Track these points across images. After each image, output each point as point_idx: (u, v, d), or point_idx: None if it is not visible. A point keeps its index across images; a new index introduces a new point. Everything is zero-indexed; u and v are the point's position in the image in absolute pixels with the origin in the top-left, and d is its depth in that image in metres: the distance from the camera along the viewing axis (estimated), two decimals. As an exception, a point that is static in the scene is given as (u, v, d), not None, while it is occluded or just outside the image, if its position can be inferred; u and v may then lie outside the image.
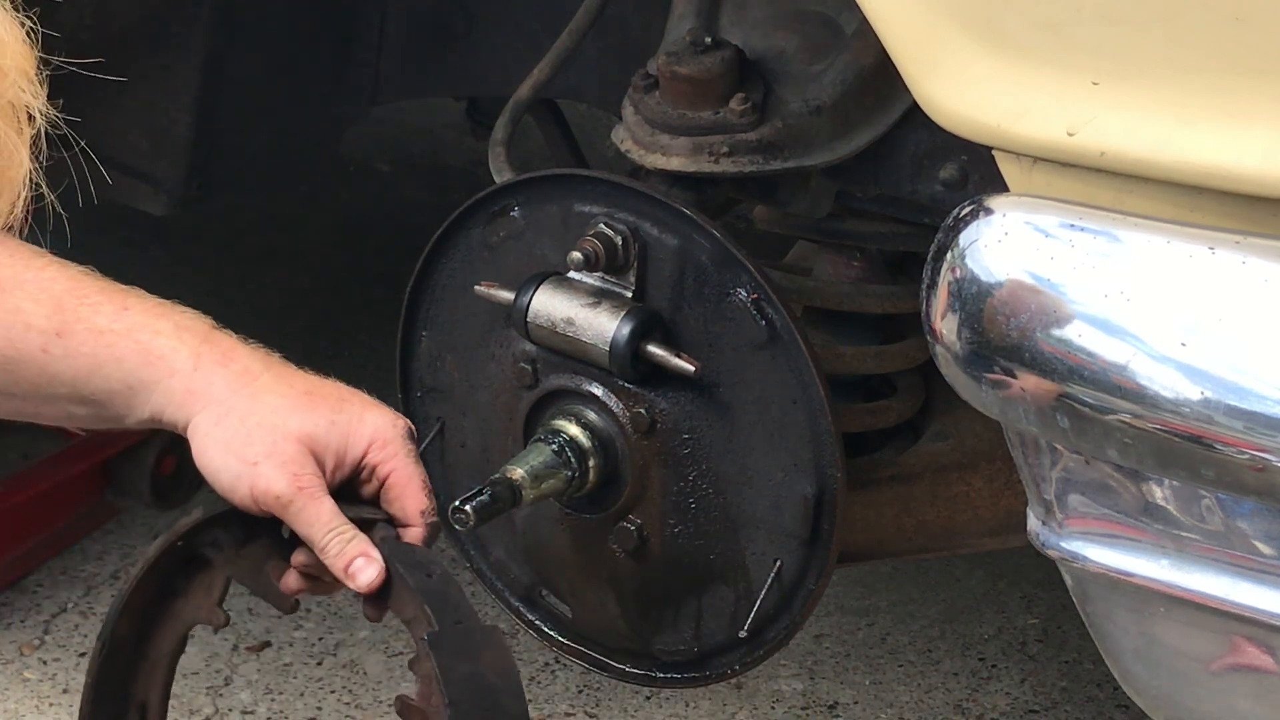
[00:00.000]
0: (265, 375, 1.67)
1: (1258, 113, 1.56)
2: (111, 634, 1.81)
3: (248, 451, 1.64)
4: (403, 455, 1.69)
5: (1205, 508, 1.67)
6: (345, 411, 1.67)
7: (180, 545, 1.77)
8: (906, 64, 1.71)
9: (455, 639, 1.65)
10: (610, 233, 2.03)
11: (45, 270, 1.66)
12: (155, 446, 3.23)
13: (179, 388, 1.65)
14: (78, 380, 1.65)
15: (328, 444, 1.66)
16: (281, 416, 1.65)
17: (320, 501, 1.65)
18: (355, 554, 1.65)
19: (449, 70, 2.95)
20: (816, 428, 2.01)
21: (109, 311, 1.65)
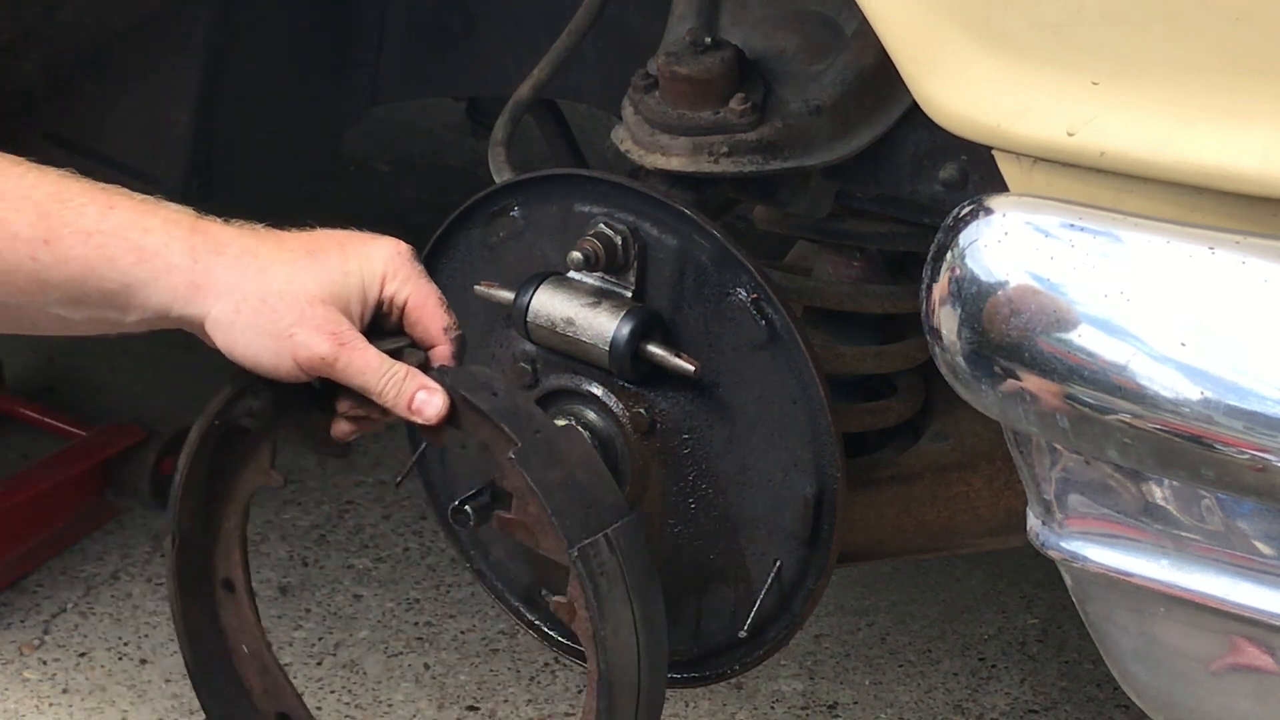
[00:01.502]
0: (263, 249, 1.69)
1: (1258, 113, 1.56)
2: (178, 525, 1.88)
3: (278, 326, 1.67)
4: (415, 277, 1.73)
5: (1205, 508, 1.67)
6: (351, 257, 1.71)
7: (217, 425, 1.84)
8: (906, 64, 1.71)
9: (539, 450, 1.74)
10: (610, 233, 2.03)
11: (25, 177, 1.67)
12: (155, 446, 3.24)
13: (181, 282, 1.67)
14: (71, 284, 1.66)
15: (348, 294, 1.70)
16: (297, 284, 1.68)
17: (364, 351, 1.69)
18: (414, 389, 1.71)
19: (449, 70, 2.95)
20: (816, 428, 2.01)
21: (94, 213, 1.66)
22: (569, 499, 1.73)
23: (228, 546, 1.93)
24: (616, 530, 1.75)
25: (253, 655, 1.97)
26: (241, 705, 1.98)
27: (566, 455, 1.76)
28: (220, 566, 1.94)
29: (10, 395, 3.46)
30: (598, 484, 1.76)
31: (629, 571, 1.75)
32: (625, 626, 1.75)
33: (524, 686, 2.90)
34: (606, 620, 1.74)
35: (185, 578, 1.92)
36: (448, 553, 3.15)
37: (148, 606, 3.07)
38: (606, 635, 1.74)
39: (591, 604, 1.73)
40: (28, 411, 3.42)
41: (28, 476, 3.19)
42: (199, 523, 1.90)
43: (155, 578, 3.14)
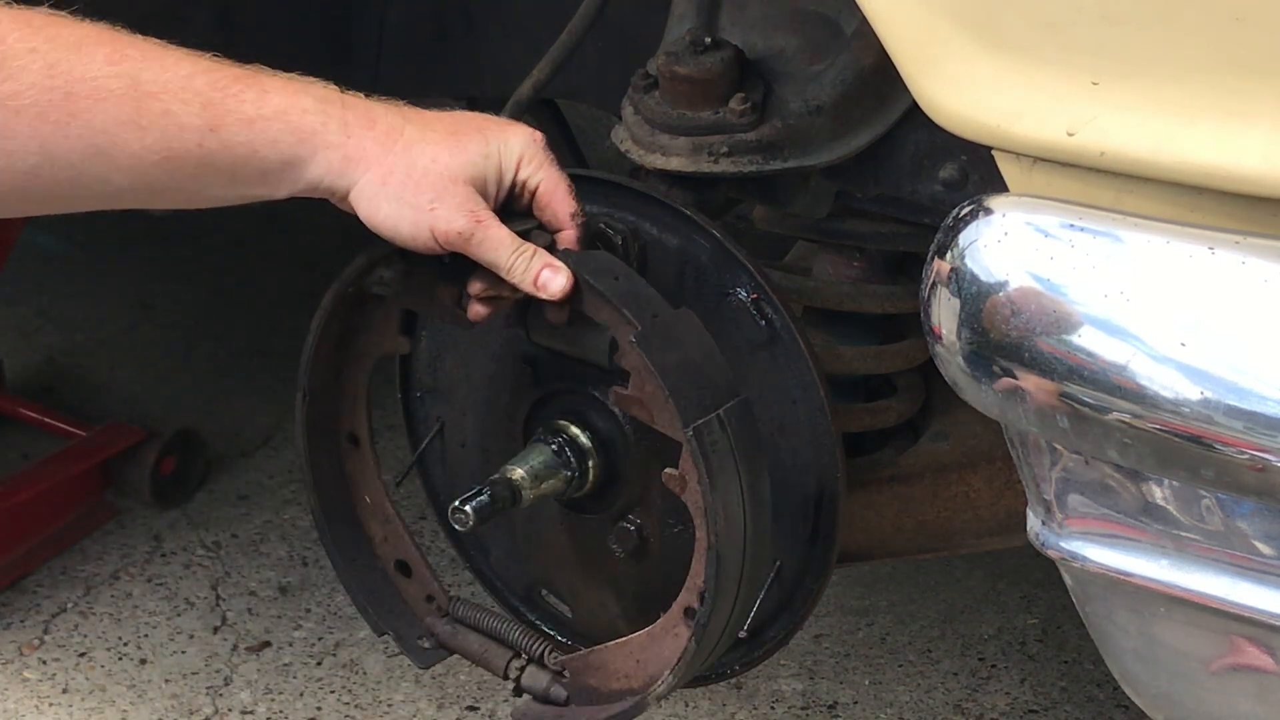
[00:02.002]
0: (408, 129, 1.81)
1: (1258, 113, 1.56)
2: (309, 383, 2.04)
3: (420, 199, 1.79)
4: (548, 166, 1.86)
5: (1205, 508, 1.67)
6: (491, 141, 1.83)
7: (350, 291, 1.97)
8: (906, 64, 1.71)
9: (657, 333, 1.83)
10: (610, 233, 2.03)
11: (181, 66, 1.78)
12: (155, 446, 3.24)
13: (336, 157, 1.79)
14: (235, 167, 1.78)
15: (486, 176, 1.82)
16: (441, 163, 1.80)
17: (498, 228, 1.82)
18: (540, 267, 1.83)
19: (449, 70, 2.95)
20: (816, 428, 2.01)
21: (253, 98, 1.78)
22: (684, 380, 1.82)
23: (354, 403, 2.07)
24: (728, 410, 1.83)
25: (375, 505, 2.11)
26: (363, 551, 2.12)
27: (683, 338, 1.84)
28: (346, 421, 2.08)
29: (10, 395, 3.47)
30: (711, 366, 1.85)
31: (738, 449, 1.83)
32: (734, 501, 1.83)
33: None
34: (718, 494, 1.81)
35: (313, 431, 2.06)
36: (448, 553, 3.15)
37: (148, 606, 3.07)
38: (718, 509, 1.81)
39: (704, 479, 1.81)
40: (28, 411, 3.42)
41: (28, 476, 3.19)
42: (328, 380, 2.05)
43: (155, 578, 3.14)
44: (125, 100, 1.74)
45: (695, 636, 1.87)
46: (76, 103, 1.73)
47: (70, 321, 3.80)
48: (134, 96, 1.74)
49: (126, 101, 1.74)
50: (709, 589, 1.84)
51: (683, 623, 1.89)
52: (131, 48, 1.78)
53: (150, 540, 3.23)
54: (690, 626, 1.88)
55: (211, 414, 3.48)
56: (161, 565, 3.17)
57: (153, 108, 1.75)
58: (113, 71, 1.75)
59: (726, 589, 1.86)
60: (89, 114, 1.73)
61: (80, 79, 1.73)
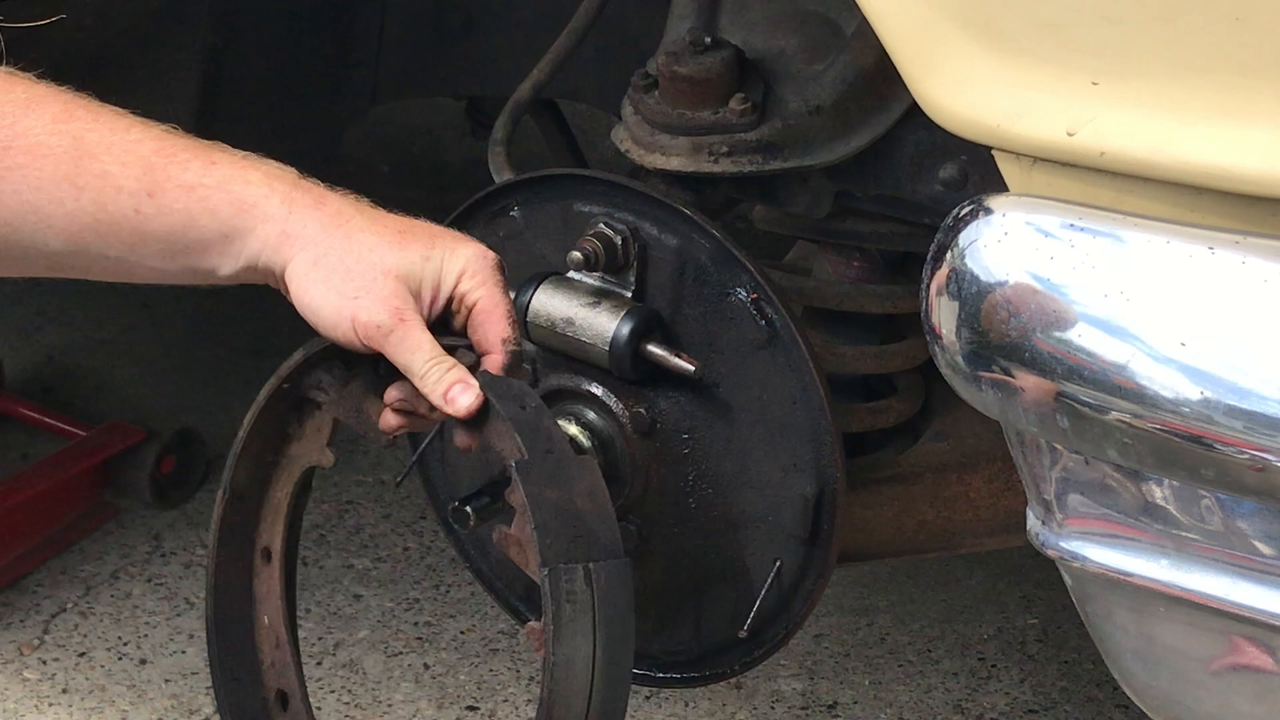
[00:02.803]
0: (358, 217, 1.73)
1: (1258, 113, 1.56)
2: (231, 481, 1.91)
3: (347, 287, 1.70)
4: (491, 284, 1.75)
5: (1205, 508, 1.67)
6: (438, 247, 1.74)
7: (286, 388, 1.86)
8: (906, 64, 1.71)
9: (545, 467, 1.71)
10: (610, 233, 2.03)
11: (130, 132, 1.72)
12: (155, 446, 3.24)
13: (274, 232, 1.70)
14: (172, 236, 1.70)
15: (422, 278, 1.73)
16: (378, 254, 1.71)
17: (420, 331, 1.72)
18: (454, 380, 1.72)
19: (449, 70, 2.95)
20: (816, 428, 2.01)
21: (198, 167, 1.71)
22: (559, 520, 1.70)
23: (274, 515, 1.95)
24: (600, 567, 1.70)
25: (270, 628, 1.99)
26: (248, 674, 2.00)
27: (573, 482, 1.73)
28: (263, 534, 1.96)
29: (10, 395, 3.46)
30: (597, 518, 1.72)
31: (601, 611, 1.70)
32: (581, 662, 1.69)
33: (524, 686, 2.90)
34: (561, 648, 1.68)
35: (226, 536, 1.94)
36: (448, 553, 3.15)
37: (148, 606, 3.07)
38: (558, 664, 1.68)
39: (549, 627, 1.67)
40: (28, 411, 3.42)
41: (28, 476, 3.19)
42: (253, 484, 1.93)
43: (155, 578, 3.14)
44: (65, 159, 1.68)
45: None
46: (14, 157, 1.67)
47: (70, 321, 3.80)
48: (74, 156, 1.68)
49: (66, 160, 1.68)
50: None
51: None
52: (83, 110, 1.72)
53: (150, 540, 3.23)
54: None
55: (211, 414, 3.48)
56: (161, 565, 3.17)
57: (91, 168, 1.68)
58: (57, 129, 1.69)
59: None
60: (25, 169, 1.67)
61: (22, 134, 1.68)
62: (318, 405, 1.87)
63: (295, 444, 1.91)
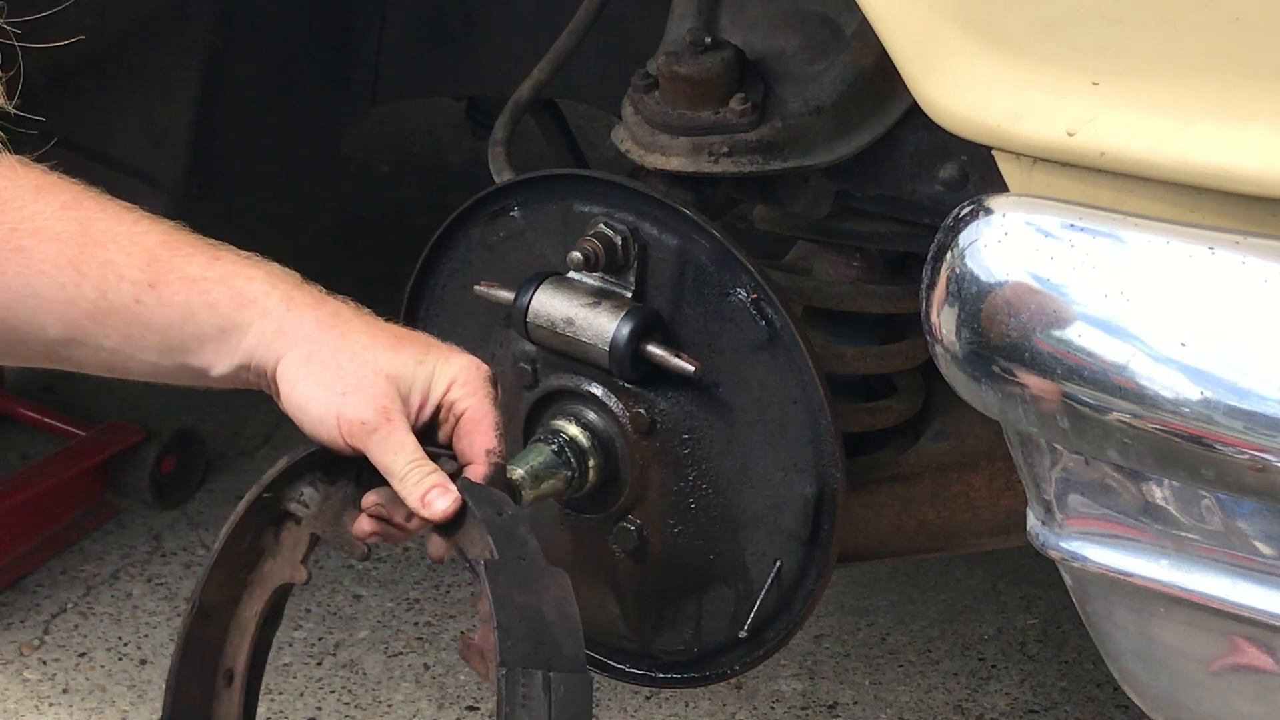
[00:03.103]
0: (355, 319, 1.73)
1: (1258, 113, 1.56)
2: (201, 595, 1.84)
3: (337, 383, 1.69)
4: (481, 395, 1.74)
5: (1205, 508, 1.67)
6: (431, 354, 1.73)
7: (268, 497, 1.81)
8: (906, 64, 1.71)
9: (515, 572, 1.67)
10: (610, 233, 2.03)
11: (138, 224, 1.71)
12: (155, 446, 3.24)
13: (270, 328, 1.70)
14: (170, 328, 1.71)
15: (413, 382, 1.72)
16: (370, 355, 1.71)
17: (404, 433, 1.71)
18: (433, 484, 1.70)
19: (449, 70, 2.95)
20: (816, 428, 2.01)
21: (201, 262, 1.71)
22: (523, 625, 1.65)
23: (241, 634, 1.88)
24: (560, 678, 1.64)
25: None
26: None
27: (542, 591, 1.68)
28: (229, 655, 1.89)
29: (10, 395, 3.46)
30: (563, 629, 1.67)
31: None
32: None
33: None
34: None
35: (190, 653, 1.87)
36: (448, 553, 3.15)
37: (148, 606, 3.07)
38: None
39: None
40: (28, 411, 3.42)
41: (28, 476, 3.19)
42: (222, 601, 1.87)
43: (155, 578, 3.14)
44: (70, 244, 1.68)
45: None
46: (21, 239, 1.67)
47: (70, 321, 3.80)
48: (80, 242, 1.68)
49: (71, 245, 1.68)
50: None
51: None
52: (92, 200, 1.72)
53: (150, 540, 3.23)
54: None
55: (211, 414, 3.48)
56: (161, 565, 3.17)
57: (96, 255, 1.68)
58: (65, 215, 1.69)
59: None
60: (31, 252, 1.67)
61: (30, 218, 1.68)
62: (296, 520, 1.83)
63: (270, 561, 1.86)
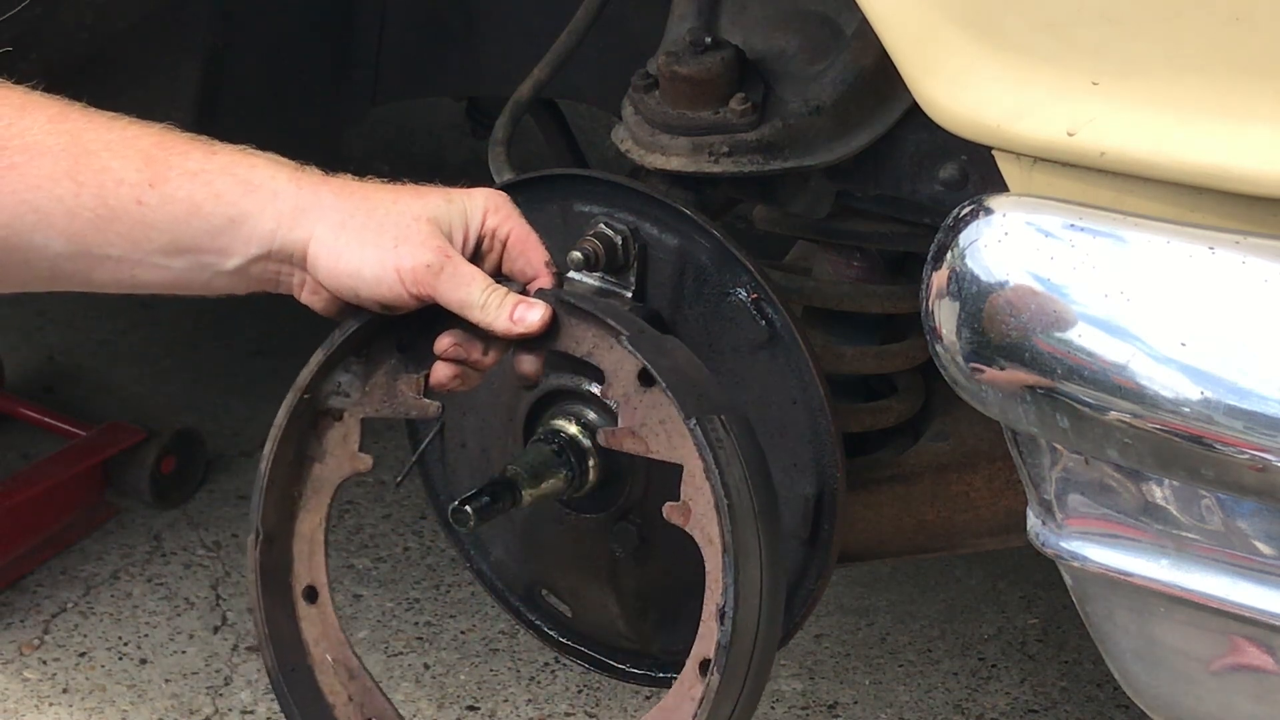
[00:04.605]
0: (368, 185, 1.72)
1: (1258, 113, 1.56)
2: (261, 522, 1.82)
3: (383, 239, 1.68)
4: (516, 216, 1.76)
5: (1205, 508, 1.67)
6: (454, 193, 1.74)
7: (307, 398, 1.80)
8: (906, 64, 1.71)
9: (649, 341, 1.73)
10: (610, 233, 2.03)
11: (128, 129, 1.70)
12: (155, 446, 3.24)
13: (287, 207, 1.68)
14: (176, 225, 1.68)
15: (450, 220, 1.72)
16: (402, 205, 1.70)
17: (468, 264, 1.71)
18: (517, 301, 1.72)
19: (449, 70, 2.94)
20: (816, 428, 2.01)
21: (199, 155, 1.69)
22: (682, 381, 1.72)
23: (312, 548, 1.86)
24: (730, 418, 1.73)
25: (339, 663, 1.89)
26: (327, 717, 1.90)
27: (674, 353, 1.76)
28: (303, 571, 1.86)
29: (10, 395, 3.46)
30: (706, 380, 1.76)
31: (744, 454, 1.73)
32: (744, 500, 1.71)
33: (524, 686, 2.90)
34: (730, 487, 1.69)
35: (268, 581, 1.84)
36: (448, 553, 3.15)
37: (148, 606, 3.07)
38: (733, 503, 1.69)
39: (713, 470, 1.69)
40: (28, 411, 3.42)
41: (28, 476, 3.19)
42: (283, 519, 1.84)
43: (155, 578, 3.14)
44: (63, 156, 1.66)
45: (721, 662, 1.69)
46: (11, 156, 1.65)
47: (70, 321, 3.80)
48: (73, 153, 1.67)
49: (64, 157, 1.66)
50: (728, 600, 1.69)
51: (699, 681, 1.72)
52: (79, 111, 1.70)
53: (150, 540, 3.23)
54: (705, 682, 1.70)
55: (211, 414, 3.48)
56: (161, 565, 3.17)
57: (91, 164, 1.67)
58: (54, 129, 1.68)
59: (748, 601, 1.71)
60: (23, 168, 1.66)
61: (18, 134, 1.66)
62: (338, 415, 1.81)
63: (318, 466, 1.84)
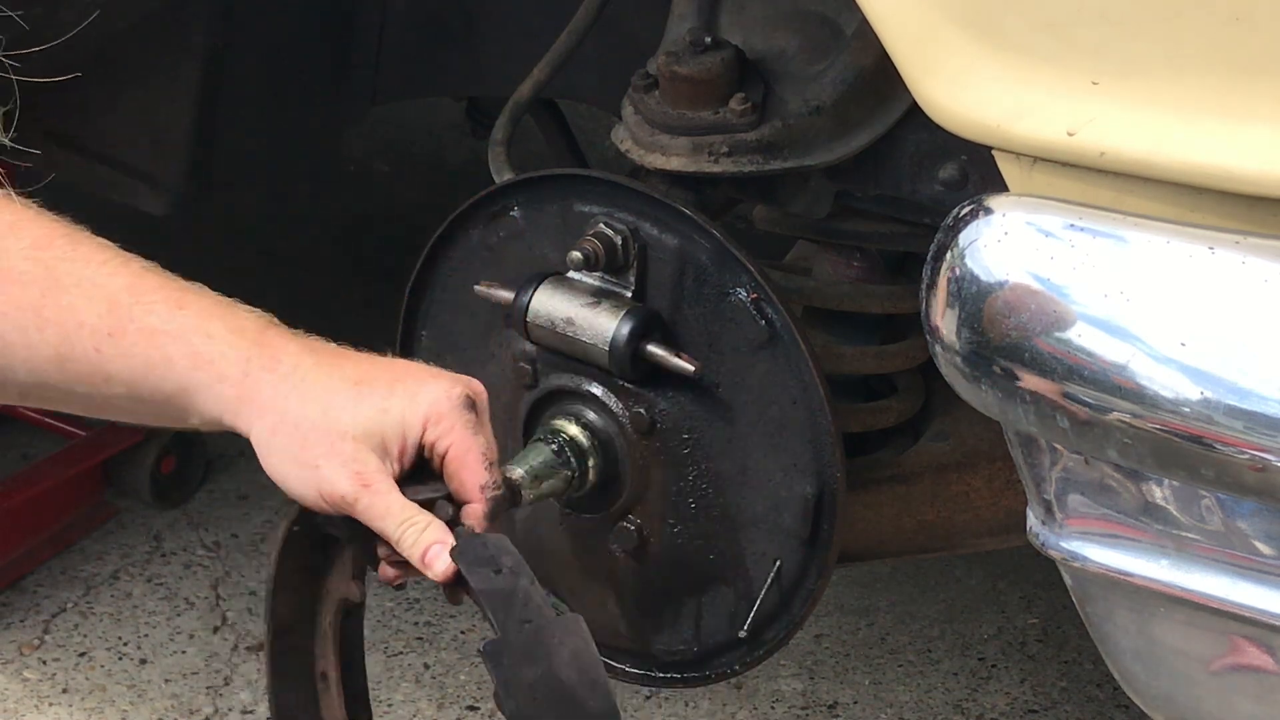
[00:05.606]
0: (312, 375, 1.64)
1: (1258, 113, 1.56)
2: (273, 614, 1.81)
3: (306, 455, 1.62)
4: (459, 428, 1.65)
5: (1205, 508, 1.67)
6: (397, 394, 1.64)
7: (296, 530, 1.77)
8: (906, 64, 1.71)
9: (520, 644, 1.60)
10: (610, 232, 2.03)
11: (105, 265, 1.65)
12: (155, 446, 3.23)
13: (230, 394, 1.63)
14: (133, 380, 1.64)
15: (383, 433, 1.63)
16: (334, 415, 1.62)
17: (387, 495, 1.62)
18: (429, 543, 1.62)
19: (449, 70, 2.94)
20: (816, 428, 2.01)
21: (163, 312, 1.64)
22: (540, 702, 1.58)
23: (324, 641, 1.84)
24: None
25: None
26: None
27: (554, 652, 1.60)
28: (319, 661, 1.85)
29: (10, 395, 3.46)
30: (584, 686, 1.59)
31: None
32: None
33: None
34: None
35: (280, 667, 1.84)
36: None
37: (148, 606, 3.07)
38: None
39: None
40: (28, 411, 3.42)
41: (28, 476, 3.19)
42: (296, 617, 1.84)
43: (155, 578, 3.14)
44: (33, 286, 1.63)
45: None
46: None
47: (70, 321, 3.80)
48: (43, 285, 1.63)
49: (34, 288, 1.63)
50: None
51: None
52: (65, 239, 1.66)
53: (150, 540, 3.23)
54: None
55: (211, 414, 3.48)
56: (161, 565, 3.17)
57: (59, 300, 1.62)
58: (33, 256, 1.64)
59: None
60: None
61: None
62: (338, 540, 1.78)
63: (327, 579, 1.83)
